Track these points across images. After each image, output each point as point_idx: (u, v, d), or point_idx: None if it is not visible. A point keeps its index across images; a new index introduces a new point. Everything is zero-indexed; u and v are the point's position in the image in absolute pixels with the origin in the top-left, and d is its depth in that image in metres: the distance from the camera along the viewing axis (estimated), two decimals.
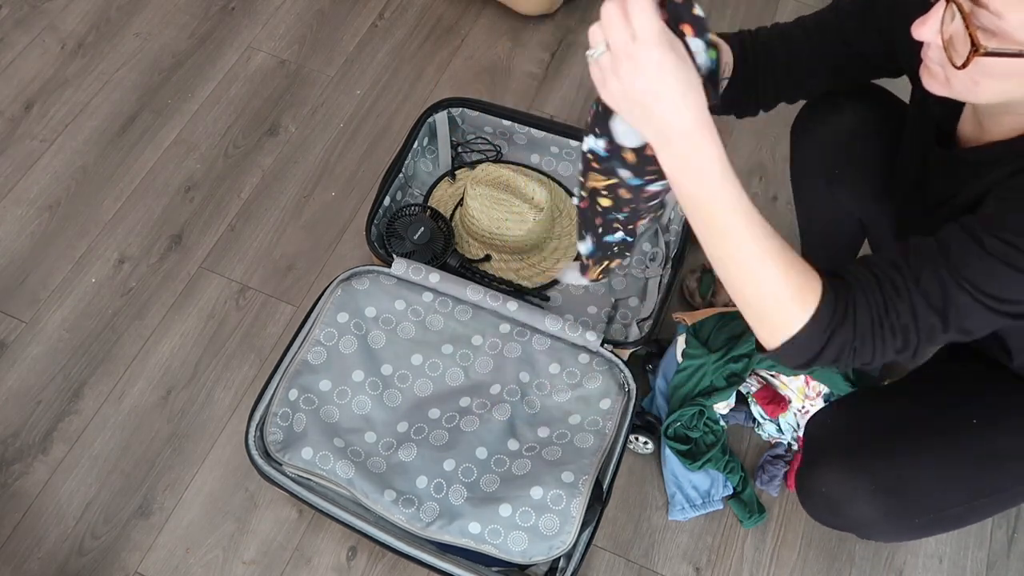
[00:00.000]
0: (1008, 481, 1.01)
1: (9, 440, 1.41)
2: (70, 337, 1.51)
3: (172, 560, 1.32)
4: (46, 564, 1.31)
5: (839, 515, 1.04)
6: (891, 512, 1.00)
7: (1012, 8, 0.67)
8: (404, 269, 1.38)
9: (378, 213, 1.47)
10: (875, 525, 1.03)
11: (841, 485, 1.01)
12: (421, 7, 1.93)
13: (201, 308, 1.54)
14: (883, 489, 0.99)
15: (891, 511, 1.00)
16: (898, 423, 1.04)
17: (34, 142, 1.72)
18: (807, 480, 1.07)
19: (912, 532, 1.06)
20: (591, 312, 1.48)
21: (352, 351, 1.33)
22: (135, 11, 1.91)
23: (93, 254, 1.59)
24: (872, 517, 1.01)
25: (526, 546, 1.17)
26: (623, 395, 1.29)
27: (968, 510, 1.02)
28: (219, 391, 1.46)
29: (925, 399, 1.08)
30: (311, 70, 1.84)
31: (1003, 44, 0.69)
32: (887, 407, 1.09)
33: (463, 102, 1.59)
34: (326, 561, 1.32)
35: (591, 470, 1.21)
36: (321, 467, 1.23)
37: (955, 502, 1.01)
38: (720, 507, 1.35)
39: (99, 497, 1.37)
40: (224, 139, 1.74)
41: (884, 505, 1.00)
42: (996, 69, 0.72)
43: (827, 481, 1.03)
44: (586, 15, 1.92)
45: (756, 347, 0.83)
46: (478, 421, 1.27)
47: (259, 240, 1.62)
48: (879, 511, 1.00)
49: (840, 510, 1.03)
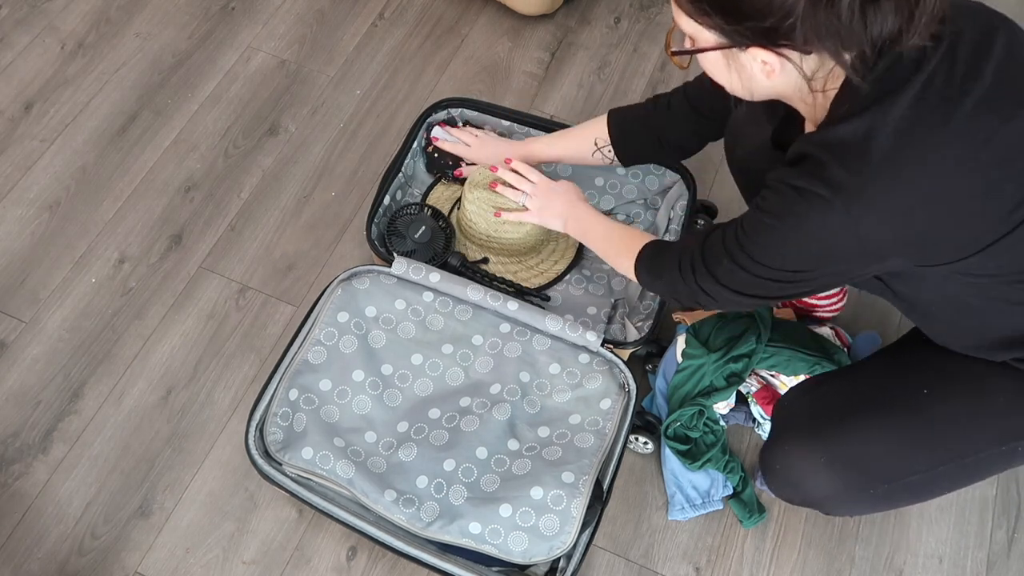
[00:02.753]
0: (966, 446, 1.03)
1: (9, 440, 1.41)
2: (70, 337, 1.51)
3: (172, 560, 1.32)
4: (46, 564, 1.31)
5: (799, 490, 1.11)
6: (848, 484, 1.05)
7: (678, 18, 0.87)
8: (404, 268, 1.38)
9: (378, 212, 1.47)
10: (834, 497, 1.08)
11: (798, 460, 1.09)
12: (421, 7, 1.93)
13: (201, 308, 1.54)
14: (838, 462, 1.06)
15: (848, 483, 1.05)
16: (853, 398, 1.10)
17: (34, 142, 1.72)
18: (768, 458, 1.15)
19: (875, 503, 1.11)
20: (591, 312, 1.48)
21: (352, 351, 1.33)
22: (135, 11, 1.91)
23: (93, 254, 1.59)
24: (829, 490, 1.07)
25: (526, 546, 1.17)
26: (623, 395, 1.29)
27: (929, 479, 1.04)
28: (219, 391, 1.46)
29: (881, 373, 1.13)
30: (311, 70, 1.84)
31: (694, 45, 0.87)
32: (844, 384, 1.16)
33: (463, 102, 1.59)
34: (326, 561, 1.32)
35: (591, 470, 1.21)
36: (321, 467, 1.23)
37: (912, 470, 1.04)
38: (720, 507, 1.35)
39: (99, 497, 1.37)
40: (224, 139, 1.74)
41: (840, 478, 1.05)
42: (706, 65, 0.90)
43: (784, 457, 1.11)
44: (586, 15, 1.92)
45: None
46: (478, 421, 1.27)
47: (259, 240, 1.62)
48: (836, 484, 1.06)
49: (799, 485, 1.10)
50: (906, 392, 1.06)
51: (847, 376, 1.20)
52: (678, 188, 1.52)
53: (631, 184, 1.57)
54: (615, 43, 1.88)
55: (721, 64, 0.88)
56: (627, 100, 1.79)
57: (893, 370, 1.12)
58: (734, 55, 0.85)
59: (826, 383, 1.20)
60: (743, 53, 0.84)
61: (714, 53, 0.87)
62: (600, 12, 1.93)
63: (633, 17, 1.92)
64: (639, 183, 1.56)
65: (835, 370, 1.27)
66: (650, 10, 1.93)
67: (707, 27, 0.83)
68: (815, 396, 1.17)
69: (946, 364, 1.06)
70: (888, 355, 1.17)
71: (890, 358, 1.16)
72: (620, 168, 1.55)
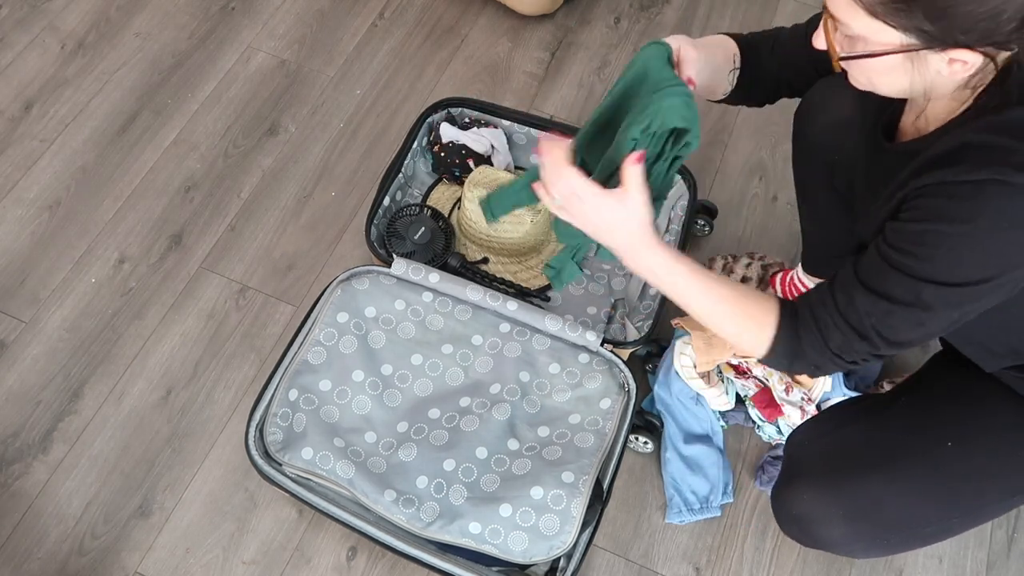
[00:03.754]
0: (981, 499, 1.01)
1: (9, 440, 1.41)
2: (70, 337, 1.51)
3: (172, 560, 1.32)
4: (46, 564, 1.31)
5: (811, 537, 1.06)
6: (863, 535, 1.02)
7: (850, 18, 0.77)
8: (404, 269, 1.38)
9: (377, 213, 1.47)
10: (846, 546, 1.04)
11: (813, 509, 1.03)
12: (421, 7, 1.93)
13: (201, 308, 1.54)
14: (854, 513, 1.01)
15: (862, 534, 1.02)
16: (872, 445, 1.05)
17: (34, 142, 1.72)
18: (781, 500, 1.09)
19: (885, 550, 1.07)
20: (591, 312, 1.49)
21: (352, 351, 1.33)
22: (135, 11, 1.91)
23: (93, 254, 1.59)
24: (843, 539, 1.03)
25: (526, 546, 1.17)
26: (623, 395, 1.29)
27: (942, 528, 1.03)
28: (219, 391, 1.46)
29: (901, 418, 1.07)
30: (311, 70, 1.84)
31: (867, 47, 0.79)
32: (862, 427, 1.09)
33: (463, 102, 1.59)
34: (326, 561, 1.32)
35: (591, 470, 1.21)
36: (321, 467, 1.23)
37: (927, 522, 1.01)
38: (718, 514, 1.35)
39: (99, 497, 1.37)
40: (224, 139, 1.74)
41: (855, 529, 1.01)
42: (871, 68, 0.81)
43: (799, 504, 1.05)
44: (586, 15, 1.92)
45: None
46: (478, 421, 1.27)
47: (259, 240, 1.62)
48: (850, 534, 1.02)
49: (811, 532, 1.05)
50: (928, 444, 1.02)
51: (868, 418, 1.11)
52: (678, 188, 1.52)
53: None
54: (615, 43, 1.88)
55: (900, 67, 0.79)
56: None
57: (916, 416, 1.06)
58: (922, 56, 0.77)
59: (845, 425, 1.12)
60: (937, 54, 0.76)
61: (895, 56, 0.78)
62: (600, 12, 1.93)
63: (633, 17, 1.92)
64: None
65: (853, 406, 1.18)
66: (650, 10, 1.93)
67: (898, 28, 0.75)
68: (834, 441, 1.09)
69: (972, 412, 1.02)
70: (910, 394, 1.12)
71: (913, 398, 1.10)
72: None
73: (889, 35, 0.76)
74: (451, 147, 1.55)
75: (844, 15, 0.78)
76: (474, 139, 1.55)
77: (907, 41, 0.76)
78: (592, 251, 1.44)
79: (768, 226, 1.62)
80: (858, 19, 0.77)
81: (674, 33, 0.85)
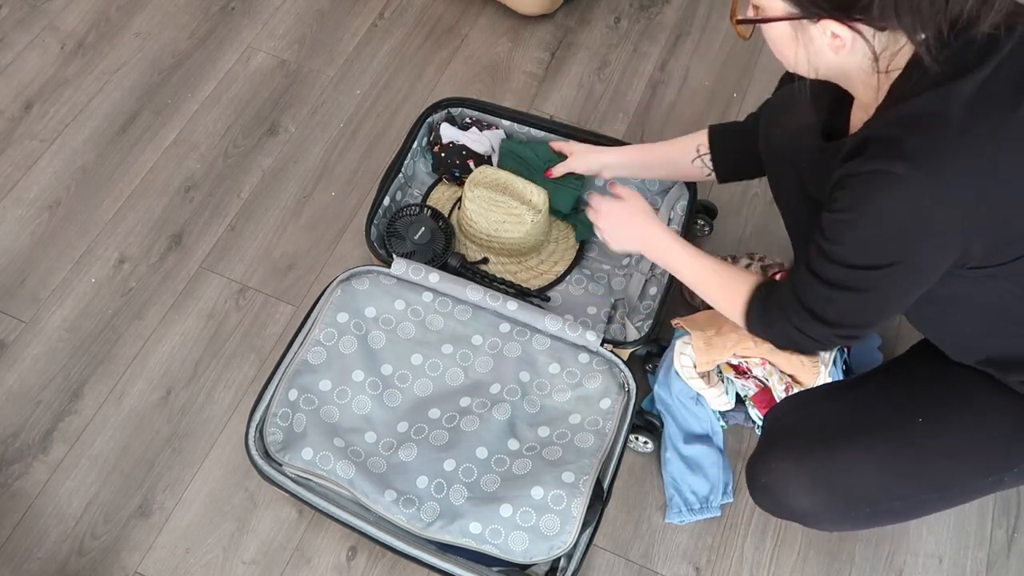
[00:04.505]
0: (952, 478, 1.02)
1: (9, 440, 1.41)
2: (70, 337, 1.51)
3: (172, 560, 1.32)
4: (46, 564, 1.31)
5: (781, 506, 1.10)
6: (830, 506, 1.05)
7: None
8: (404, 269, 1.38)
9: (377, 213, 1.47)
10: (815, 516, 1.08)
11: (782, 479, 1.08)
12: (421, 7, 1.93)
13: (201, 308, 1.54)
14: (822, 484, 1.05)
15: (830, 505, 1.05)
16: (844, 419, 1.09)
17: (34, 142, 1.72)
18: (753, 471, 1.14)
19: (854, 523, 1.10)
20: (591, 312, 1.48)
21: (352, 351, 1.33)
22: (135, 11, 1.91)
23: (93, 254, 1.59)
24: (811, 509, 1.06)
25: (527, 546, 1.17)
26: (623, 395, 1.29)
27: (911, 504, 1.04)
28: (219, 391, 1.46)
29: (876, 395, 1.11)
30: (311, 70, 1.84)
31: (760, 14, 0.86)
32: (837, 403, 1.14)
33: (463, 102, 1.59)
34: (326, 561, 1.32)
35: (591, 470, 1.21)
36: (321, 467, 1.23)
37: (895, 496, 1.04)
38: (718, 514, 1.35)
39: (99, 497, 1.37)
40: (224, 139, 1.74)
41: (823, 500, 1.05)
42: (769, 38, 0.89)
43: (770, 473, 1.09)
44: (586, 15, 1.92)
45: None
46: (478, 421, 1.27)
47: (259, 240, 1.62)
48: (818, 504, 1.05)
49: (781, 502, 1.09)
50: (900, 419, 1.05)
51: (845, 394, 1.16)
52: (678, 188, 1.52)
53: (631, 184, 1.57)
54: (615, 43, 1.88)
55: (788, 36, 0.86)
56: (627, 100, 1.80)
57: (892, 393, 1.10)
58: (803, 27, 0.84)
59: (822, 399, 1.17)
60: (814, 25, 0.83)
61: (781, 24, 0.85)
62: (600, 12, 1.93)
63: (633, 17, 1.92)
64: (639, 183, 1.56)
65: (834, 384, 1.23)
66: (650, 10, 1.93)
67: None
68: (808, 413, 1.14)
69: (948, 392, 1.04)
70: (890, 373, 1.15)
71: (891, 377, 1.13)
72: None
73: (776, 3, 0.84)
74: (451, 148, 1.55)
75: None
76: (474, 140, 1.55)
77: (789, 10, 0.83)
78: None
79: (768, 226, 1.62)
80: None
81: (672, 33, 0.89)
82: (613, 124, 1.76)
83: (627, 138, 1.73)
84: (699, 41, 1.87)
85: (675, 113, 1.78)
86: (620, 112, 1.78)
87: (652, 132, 1.75)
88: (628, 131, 1.75)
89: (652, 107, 1.79)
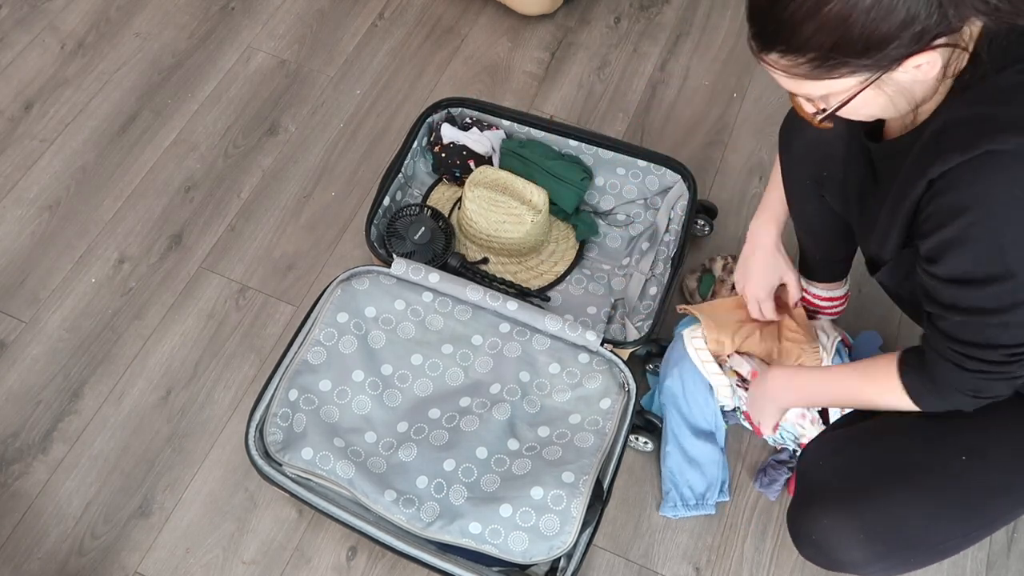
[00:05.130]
0: (999, 511, 1.01)
1: (9, 440, 1.41)
2: (70, 337, 1.51)
3: (172, 560, 1.32)
4: (46, 564, 1.31)
5: (831, 560, 1.05)
6: (884, 554, 1.01)
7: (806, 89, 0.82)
8: (404, 269, 1.38)
9: (377, 213, 1.48)
10: (867, 567, 1.03)
11: (832, 534, 1.03)
12: (421, 7, 1.93)
13: (201, 308, 1.54)
14: (873, 535, 1.00)
15: (884, 553, 1.01)
16: (887, 463, 1.04)
17: (34, 142, 1.72)
18: (798, 524, 1.08)
19: (906, 567, 1.07)
20: (591, 312, 1.48)
21: (352, 351, 1.33)
22: (135, 11, 1.91)
23: (93, 254, 1.59)
24: (864, 561, 1.02)
25: (526, 546, 1.17)
26: (623, 395, 1.29)
27: (961, 542, 1.02)
28: (219, 391, 1.46)
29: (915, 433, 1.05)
30: (311, 70, 1.84)
31: (836, 99, 0.82)
32: (877, 445, 1.08)
33: (463, 102, 1.59)
34: (326, 561, 1.32)
35: (591, 470, 1.21)
36: (321, 467, 1.23)
37: (948, 537, 1.01)
38: (712, 511, 1.35)
39: (99, 497, 1.37)
40: (224, 139, 1.74)
41: (875, 551, 1.01)
42: (851, 111, 0.84)
43: (818, 528, 1.04)
44: (586, 15, 1.92)
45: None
46: (478, 421, 1.27)
47: (259, 240, 1.62)
48: (870, 556, 1.01)
49: (831, 556, 1.04)
50: (943, 459, 1.01)
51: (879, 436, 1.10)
52: (678, 188, 1.52)
53: (631, 184, 1.57)
54: (615, 43, 1.88)
55: (870, 96, 0.81)
56: (627, 100, 1.80)
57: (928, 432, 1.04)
58: (885, 80, 0.79)
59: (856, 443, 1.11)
60: (895, 72, 0.78)
61: (865, 91, 0.80)
62: (600, 12, 1.93)
63: (633, 17, 1.92)
64: (639, 183, 1.56)
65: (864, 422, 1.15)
66: (650, 10, 1.93)
67: (845, 76, 0.78)
68: (845, 459, 1.08)
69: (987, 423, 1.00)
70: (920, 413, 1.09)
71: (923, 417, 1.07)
72: (620, 168, 1.55)
73: (845, 83, 0.79)
74: (452, 148, 1.55)
75: (799, 88, 0.82)
76: (475, 140, 1.55)
77: (863, 77, 0.78)
78: None
79: None
80: (812, 85, 0.80)
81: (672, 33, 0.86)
82: (613, 124, 1.76)
83: (627, 138, 1.73)
84: (699, 41, 1.87)
85: (675, 113, 1.78)
86: (620, 112, 1.78)
87: (652, 132, 1.75)
88: (628, 131, 1.75)
89: (652, 107, 1.79)
